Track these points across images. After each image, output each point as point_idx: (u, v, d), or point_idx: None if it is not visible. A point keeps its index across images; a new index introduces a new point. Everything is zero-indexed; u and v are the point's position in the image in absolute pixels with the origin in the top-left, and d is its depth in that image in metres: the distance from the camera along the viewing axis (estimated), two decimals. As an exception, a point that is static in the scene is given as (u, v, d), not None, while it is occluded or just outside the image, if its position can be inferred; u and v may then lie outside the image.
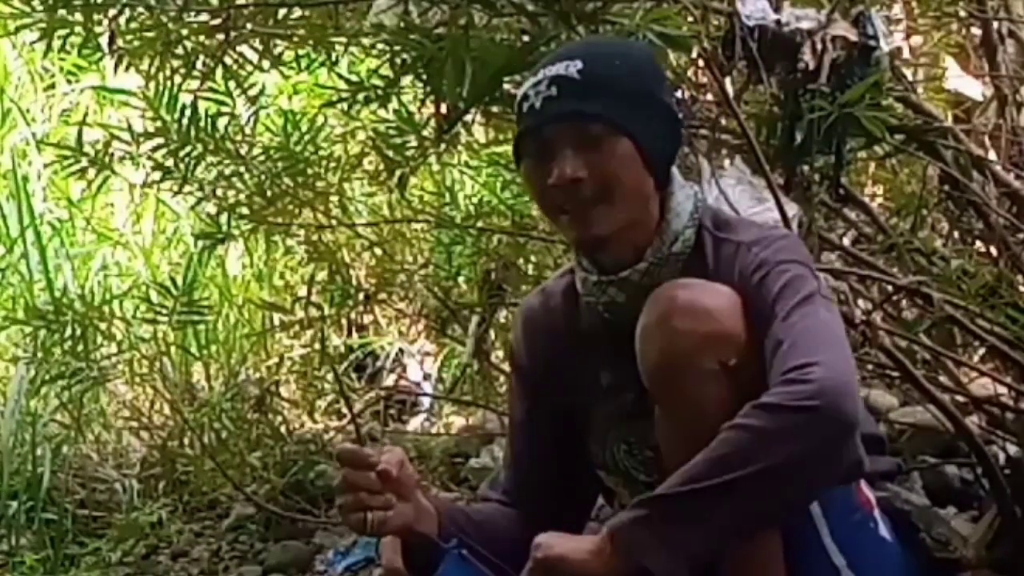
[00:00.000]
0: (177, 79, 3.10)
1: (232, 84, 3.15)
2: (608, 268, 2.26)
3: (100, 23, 2.99)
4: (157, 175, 3.33)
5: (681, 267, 2.23)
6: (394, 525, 2.18)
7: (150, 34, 3.00)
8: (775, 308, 2.12)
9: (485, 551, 2.24)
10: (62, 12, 2.97)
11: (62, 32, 3.00)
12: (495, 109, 2.91)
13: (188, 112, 3.22)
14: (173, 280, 3.64)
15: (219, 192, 3.37)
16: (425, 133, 3.04)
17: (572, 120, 2.18)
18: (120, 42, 3.02)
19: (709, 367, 2.10)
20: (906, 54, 3.24)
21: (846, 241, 3.20)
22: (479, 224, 3.56)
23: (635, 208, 2.21)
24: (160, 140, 3.26)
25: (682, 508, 2.02)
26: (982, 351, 3.27)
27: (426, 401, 4.75)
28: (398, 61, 2.82)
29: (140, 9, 2.97)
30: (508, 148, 3.33)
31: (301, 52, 3.14)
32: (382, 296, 4.00)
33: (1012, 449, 3.08)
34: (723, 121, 2.91)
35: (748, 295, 2.15)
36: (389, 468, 2.15)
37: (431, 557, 2.21)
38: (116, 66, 3.12)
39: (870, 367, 3.03)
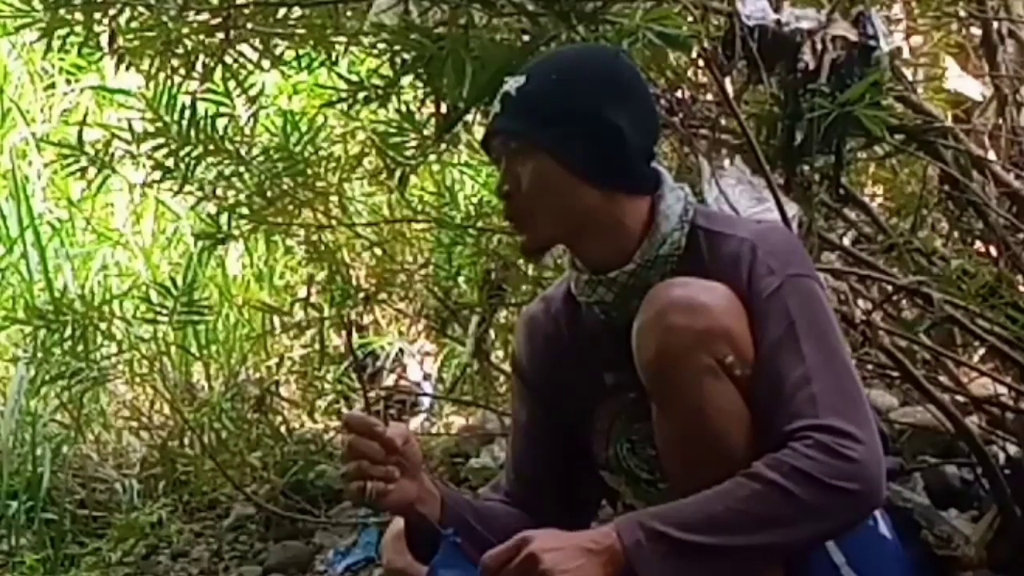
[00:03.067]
0: (177, 79, 3.10)
1: (232, 84, 3.15)
2: (598, 268, 2.27)
3: (100, 22, 2.99)
4: (157, 175, 3.32)
5: (673, 268, 2.23)
6: (394, 499, 2.18)
7: (150, 33, 3.00)
8: (795, 330, 2.13)
9: (485, 540, 2.22)
10: (62, 11, 2.96)
11: (62, 31, 3.00)
12: (495, 109, 2.91)
13: (188, 112, 3.21)
14: (173, 280, 3.64)
15: (219, 192, 3.37)
16: (425, 133, 3.04)
17: (500, 136, 2.27)
18: (120, 41, 3.02)
19: (705, 363, 2.11)
20: (906, 54, 3.24)
21: (846, 241, 3.20)
22: (479, 224, 3.56)
23: (566, 222, 2.24)
24: (160, 140, 3.26)
25: (705, 555, 2.04)
26: (982, 351, 3.27)
27: (426, 401, 4.75)
28: (398, 61, 2.82)
29: (140, 8, 2.97)
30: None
31: (301, 52, 3.14)
32: (382, 296, 4.00)
33: (1012, 449, 3.08)
34: (723, 121, 2.91)
35: (755, 300, 2.15)
36: (394, 438, 2.16)
37: (434, 541, 2.20)
38: (116, 65, 3.12)
39: (870, 367, 3.03)
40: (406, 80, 2.88)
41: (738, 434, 2.11)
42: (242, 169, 3.32)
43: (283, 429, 4.19)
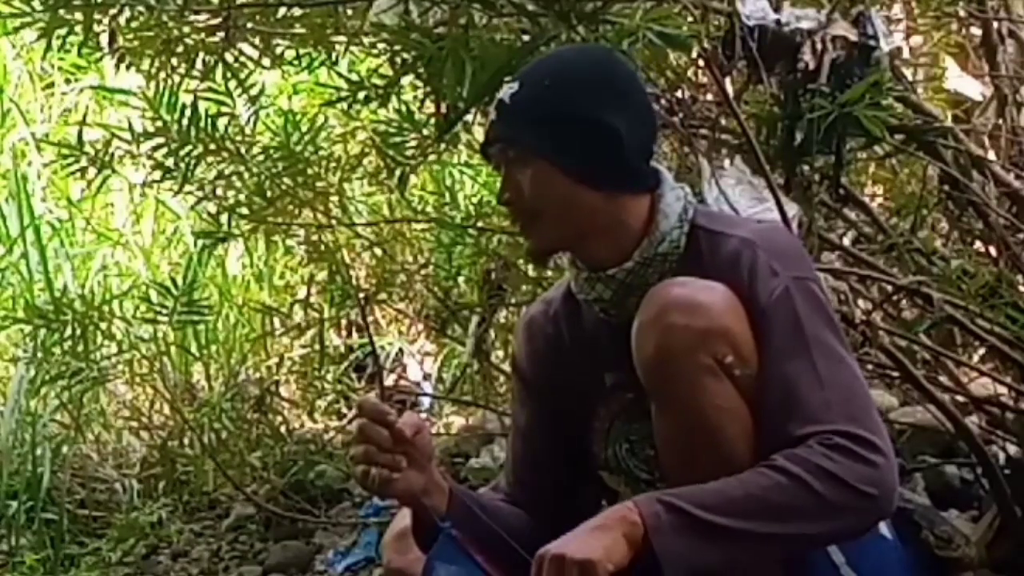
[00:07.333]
0: (177, 78, 3.10)
1: (232, 83, 3.15)
2: (598, 267, 2.27)
3: (100, 22, 2.99)
4: (157, 175, 3.33)
5: (673, 267, 2.24)
6: (398, 488, 2.18)
7: (150, 33, 3.00)
8: (804, 335, 2.14)
9: (491, 537, 2.23)
10: (62, 11, 2.96)
11: (62, 31, 3.00)
12: (495, 109, 2.91)
13: (188, 112, 3.21)
14: (173, 280, 3.65)
15: (219, 192, 3.37)
16: (425, 133, 3.04)
17: (498, 144, 2.28)
18: (120, 41, 3.02)
19: (704, 363, 2.11)
20: (906, 54, 3.24)
21: (846, 241, 3.20)
22: (479, 224, 3.56)
23: (570, 224, 2.24)
24: (160, 140, 3.26)
25: (719, 536, 2.05)
26: (982, 351, 3.27)
27: (426, 401, 4.75)
28: (398, 60, 2.82)
29: (140, 8, 2.97)
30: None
31: (302, 51, 3.14)
32: (382, 296, 4.00)
33: (1012, 449, 3.09)
34: (723, 121, 2.91)
35: (758, 302, 2.15)
36: (403, 429, 2.16)
37: (438, 534, 2.21)
38: (116, 65, 3.12)
39: (870, 367, 3.03)
40: (406, 80, 2.89)
41: (737, 433, 2.12)
42: (242, 169, 3.32)
43: (283, 429, 4.19)
